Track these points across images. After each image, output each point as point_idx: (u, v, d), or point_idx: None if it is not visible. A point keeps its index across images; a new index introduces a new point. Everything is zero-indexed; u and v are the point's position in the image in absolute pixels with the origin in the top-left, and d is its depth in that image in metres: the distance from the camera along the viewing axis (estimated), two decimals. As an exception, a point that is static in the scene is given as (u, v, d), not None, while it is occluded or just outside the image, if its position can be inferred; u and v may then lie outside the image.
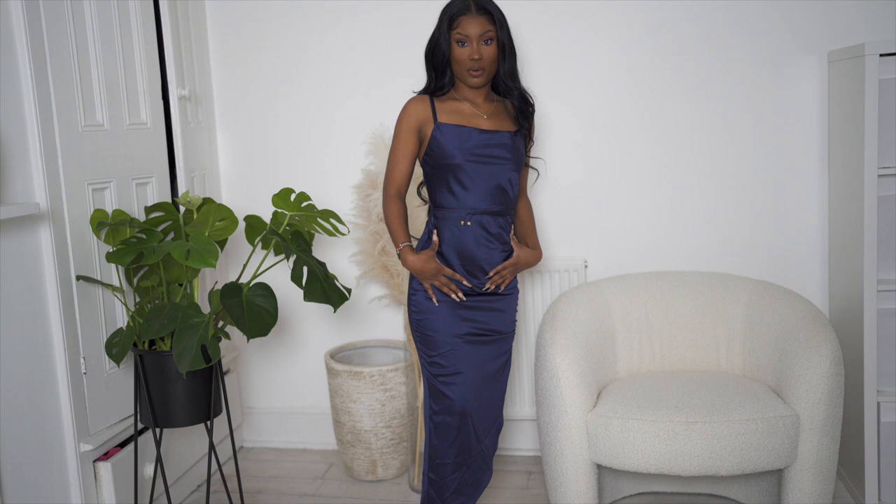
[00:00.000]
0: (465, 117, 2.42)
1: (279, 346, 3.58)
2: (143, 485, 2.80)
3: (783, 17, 3.07)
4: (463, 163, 2.38)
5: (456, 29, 2.36)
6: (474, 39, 2.35)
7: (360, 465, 3.27)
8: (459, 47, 2.36)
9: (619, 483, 2.95)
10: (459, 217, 2.40)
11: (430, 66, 2.45)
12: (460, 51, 2.36)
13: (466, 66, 2.37)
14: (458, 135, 2.39)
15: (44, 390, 2.47)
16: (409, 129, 2.42)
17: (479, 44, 2.35)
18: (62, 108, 2.51)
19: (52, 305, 2.49)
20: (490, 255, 2.43)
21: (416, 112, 2.42)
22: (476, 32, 2.34)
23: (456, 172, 2.39)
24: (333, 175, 3.39)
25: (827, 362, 2.50)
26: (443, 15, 2.39)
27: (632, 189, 3.25)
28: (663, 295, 2.98)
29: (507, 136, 2.43)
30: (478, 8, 2.36)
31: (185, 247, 2.44)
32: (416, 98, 2.45)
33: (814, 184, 3.13)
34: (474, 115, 2.43)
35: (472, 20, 2.34)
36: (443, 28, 2.38)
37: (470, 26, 2.34)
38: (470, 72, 2.37)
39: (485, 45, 2.36)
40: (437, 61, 2.41)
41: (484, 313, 2.46)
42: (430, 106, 2.43)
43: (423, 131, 2.42)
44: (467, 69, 2.37)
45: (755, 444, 2.45)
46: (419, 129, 2.42)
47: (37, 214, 2.43)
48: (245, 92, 3.47)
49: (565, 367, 2.58)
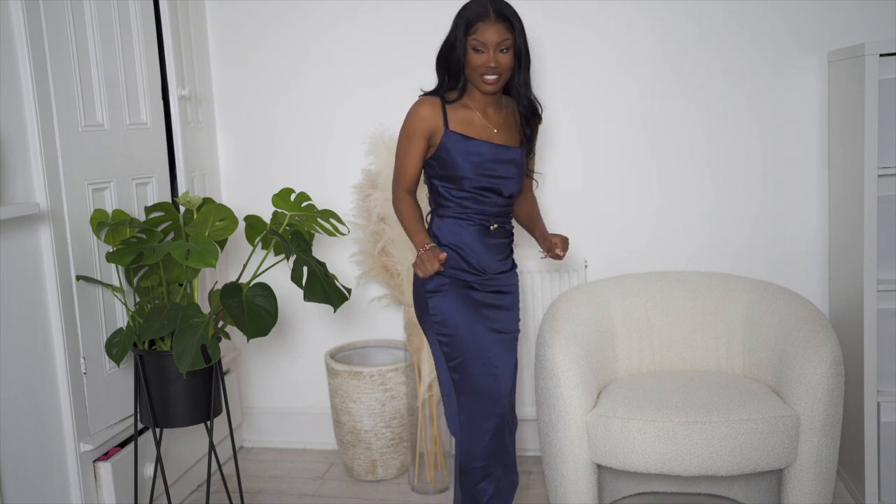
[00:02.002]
0: (477, 129, 2.35)
1: (279, 346, 3.58)
2: (143, 485, 2.80)
3: (783, 17, 3.07)
4: (470, 176, 2.32)
5: (473, 35, 2.26)
6: (491, 47, 2.25)
7: (360, 465, 3.27)
8: (475, 53, 2.27)
9: (619, 483, 2.95)
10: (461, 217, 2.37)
11: (442, 69, 2.36)
12: (476, 57, 2.27)
13: (481, 73, 2.28)
14: (468, 147, 2.32)
15: (44, 390, 2.47)
16: (419, 133, 2.34)
17: (496, 52, 2.26)
18: (62, 108, 2.51)
19: (52, 305, 2.49)
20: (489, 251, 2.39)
21: (426, 116, 2.33)
22: (494, 40, 2.25)
23: (461, 184, 2.34)
24: (333, 175, 3.39)
25: (827, 362, 2.50)
26: (459, 18, 2.30)
27: (632, 189, 3.25)
28: (663, 295, 2.98)
29: (516, 152, 2.38)
30: (497, 14, 2.26)
31: (185, 247, 2.44)
32: (427, 101, 2.36)
33: (814, 184, 3.13)
34: (485, 128, 2.36)
35: (491, 27, 2.25)
36: (459, 32, 2.28)
37: (488, 33, 2.25)
38: (484, 78, 2.28)
39: (502, 53, 2.27)
40: (451, 65, 2.32)
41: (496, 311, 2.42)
42: (441, 111, 2.34)
43: (433, 137, 2.34)
44: (482, 75, 2.28)
45: (755, 444, 2.45)
46: (429, 134, 2.34)
47: (37, 214, 2.42)
48: (245, 92, 3.47)
49: (565, 367, 2.58)
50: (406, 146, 2.37)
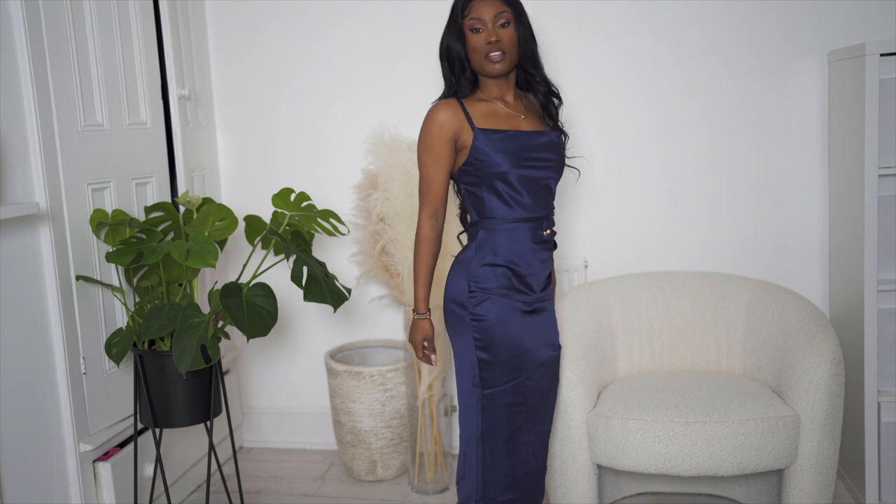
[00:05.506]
0: (504, 119, 2.19)
1: (279, 346, 3.58)
2: (142, 485, 2.80)
3: (783, 17, 3.07)
4: (511, 169, 2.15)
5: (469, 16, 2.15)
6: (489, 22, 2.14)
7: (360, 466, 3.27)
8: (474, 34, 2.15)
9: (619, 483, 2.95)
10: (515, 226, 2.20)
11: (446, 67, 2.23)
12: (476, 38, 2.15)
13: (484, 52, 2.14)
14: (503, 139, 2.15)
15: (44, 390, 2.46)
16: (444, 140, 2.15)
17: (495, 27, 2.14)
18: (62, 108, 2.51)
19: (51, 305, 2.49)
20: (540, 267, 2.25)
21: (448, 120, 2.15)
22: (490, 14, 2.14)
23: (505, 180, 2.16)
24: (333, 175, 3.39)
25: (827, 362, 2.50)
26: (453, 8, 2.22)
27: (632, 189, 3.25)
28: (663, 295, 2.98)
29: (554, 135, 2.24)
30: None
31: (184, 247, 2.44)
32: (443, 104, 2.19)
33: (814, 184, 3.13)
34: (511, 116, 2.21)
35: (485, 3, 2.16)
36: (455, 21, 2.18)
37: (482, 9, 2.15)
38: (489, 57, 2.14)
39: (501, 27, 2.15)
40: (452, 59, 2.20)
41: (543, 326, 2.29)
42: (461, 111, 2.18)
43: (461, 141, 2.17)
44: (486, 55, 2.14)
45: (755, 444, 2.45)
46: (455, 138, 2.16)
47: (36, 214, 2.42)
48: (245, 91, 3.47)
49: (565, 367, 2.58)
50: (429, 159, 2.18)
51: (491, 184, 2.18)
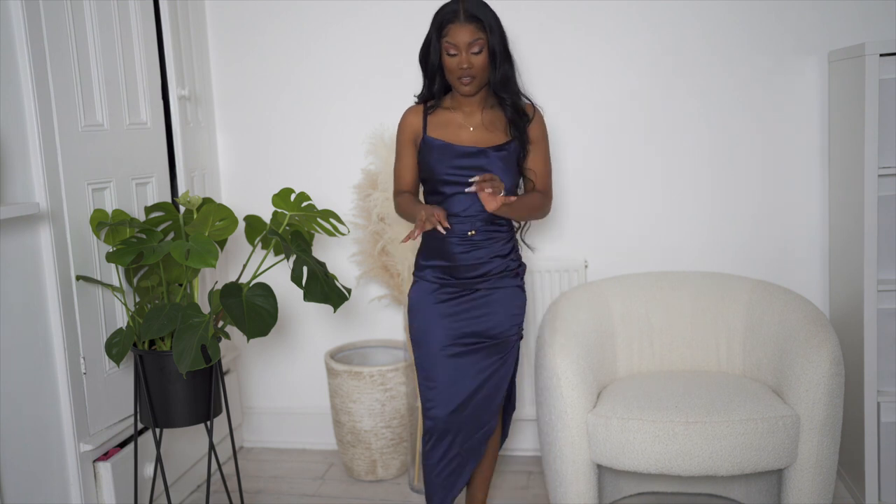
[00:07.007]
0: (451, 131, 2.42)
1: (279, 346, 3.58)
2: (143, 485, 2.80)
3: (783, 18, 3.07)
4: (444, 177, 2.40)
5: (445, 37, 2.32)
6: (463, 48, 2.30)
7: (360, 466, 3.27)
8: (449, 57, 2.33)
9: (619, 483, 2.95)
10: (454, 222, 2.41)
11: (423, 71, 2.45)
12: (450, 60, 2.33)
13: (457, 75, 2.34)
14: (439, 150, 2.41)
15: (44, 390, 2.46)
16: (406, 140, 2.48)
17: (469, 53, 2.30)
18: (62, 108, 2.51)
19: (51, 305, 2.49)
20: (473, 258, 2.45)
21: (409, 124, 2.47)
22: (464, 41, 2.29)
23: (438, 186, 2.42)
24: (333, 175, 3.39)
25: (827, 362, 2.50)
26: (433, 21, 2.35)
27: (632, 189, 3.25)
28: (663, 295, 2.98)
29: (489, 151, 2.40)
30: (467, 15, 2.28)
31: (184, 247, 2.44)
32: (412, 109, 2.49)
33: (814, 184, 3.13)
34: (460, 128, 2.43)
35: (461, 28, 2.29)
36: (433, 35, 2.36)
37: (458, 34, 2.29)
38: (461, 80, 2.34)
39: (474, 54, 2.31)
40: (427, 69, 2.42)
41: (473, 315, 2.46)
42: (422, 118, 2.46)
43: (417, 143, 2.47)
44: (457, 77, 2.34)
45: (755, 444, 2.45)
46: (414, 140, 2.47)
47: (37, 214, 2.42)
48: (245, 91, 3.47)
49: (565, 367, 2.58)
50: (397, 155, 2.51)
51: (425, 185, 2.49)
